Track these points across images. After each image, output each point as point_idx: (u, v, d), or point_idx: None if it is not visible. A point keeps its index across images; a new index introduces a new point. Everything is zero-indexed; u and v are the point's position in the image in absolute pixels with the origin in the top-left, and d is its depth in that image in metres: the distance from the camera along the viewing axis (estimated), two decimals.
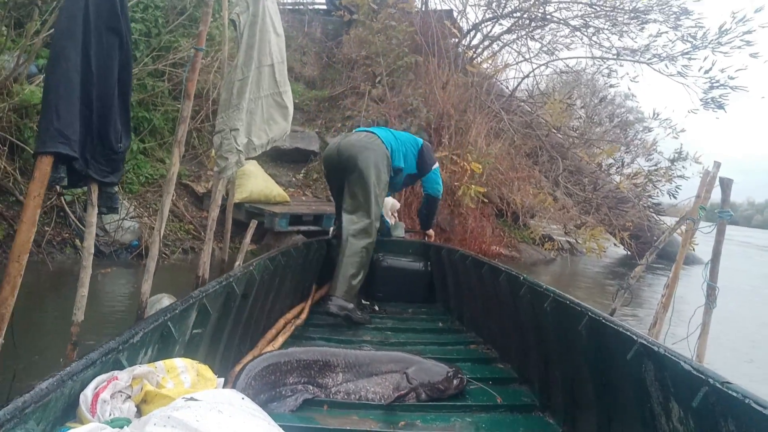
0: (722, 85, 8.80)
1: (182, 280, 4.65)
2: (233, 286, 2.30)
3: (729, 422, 1.22)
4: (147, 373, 1.33)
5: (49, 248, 5.27)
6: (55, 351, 2.96)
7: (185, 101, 2.87)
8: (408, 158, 3.99)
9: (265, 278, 2.82)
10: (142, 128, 6.60)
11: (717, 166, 3.44)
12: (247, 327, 2.62)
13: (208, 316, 2.02)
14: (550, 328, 2.26)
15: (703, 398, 1.29)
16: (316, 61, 10.75)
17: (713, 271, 2.74)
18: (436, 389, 2.29)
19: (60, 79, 1.97)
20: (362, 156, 3.68)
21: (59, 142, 1.95)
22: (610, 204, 9.25)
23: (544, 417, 2.23)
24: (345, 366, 2.32)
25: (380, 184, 3.70)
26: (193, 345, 1.89)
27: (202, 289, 2.03)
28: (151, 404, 1.28)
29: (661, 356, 1.48)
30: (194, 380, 1.42)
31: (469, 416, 2.18)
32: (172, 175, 2.91)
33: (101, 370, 1.29)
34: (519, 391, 2.48)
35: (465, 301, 3.71)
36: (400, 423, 2.07)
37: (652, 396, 1.53)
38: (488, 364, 2.87)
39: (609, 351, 1.77)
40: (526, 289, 2.52)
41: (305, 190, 8.52)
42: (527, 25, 9.89)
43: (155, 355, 1.60)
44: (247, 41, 3.39)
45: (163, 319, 1.65)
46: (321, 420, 2.05)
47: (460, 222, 8.49)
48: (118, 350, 1.37)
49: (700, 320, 2.85)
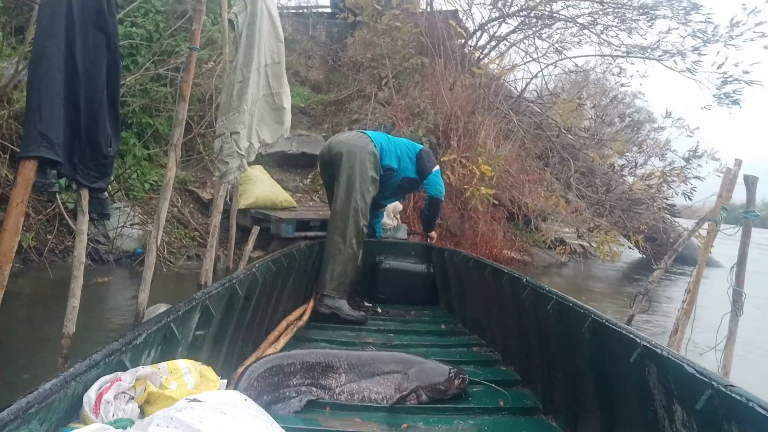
0: (736, 79, 8.59)
1: (186, 289, 4.54)
2: (236, 288, 2.30)
3: (732, 425, 1.21)
4: (150, 375, 1.34)
5: (51, 257, 5.19)
6: (51, 366, 2.86)
7: (180, 103, 2.77)
8: (403, 160, 4.01)
9: (267, 280, 2.82)
10: (146, 134, 6.52)
11: (738, 164, 3.27)
12: (249, 328, 2.63)
13: (211, 317, 2.02)
14: (552, 331, 2.24)
15: (707, 401, 1.28)
16: (322, 64, 10.67)
17: (739, 275, 2.58)
18: (438, 389, 2.28)
19: (41, 79, 1.86)
20: (347, 151, 3.72)
21: (42, 146, 1.85)
22: (624, 206, 9.04)
23: (547, 420, 2.22)
24: (348, 367, 2.32)
25: (365, 179, 3.70)
26: (196, 346, 1.90)
27: (205, 290, 2.04)
28: (154, 405, 1.29)
29: (664, 359, 1.47)
30: (197, 381, 1.44)
31: (472, 419, 2.18)
32: (168, 179, 2.81)
33: (104, 371, 1.30)
34: (522, 394, 2.46)
35: (467, 303, 3.69)
36: (403, 425, 2.07)
37: (655, 399, 1.52)
38: (491, 366, 2.86)
39: (612, 353, 1.76)
40: (528, 292, 2.51)
41: (313, 195, 8.41)
42: (534, 23, 9.73)
43: (158, 356, 1.60)
44: (246, 41, 3.28)
45: (166, 320, 1.65)
46: (324, 422, 2.05)
47: (470, 226, 8.34)
48: (122, 351, 1.38)
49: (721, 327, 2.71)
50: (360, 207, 3.66)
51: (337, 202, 3.68)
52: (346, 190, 3.65)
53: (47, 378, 1.13)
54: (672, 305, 5.03)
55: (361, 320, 3.55)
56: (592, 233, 9.35)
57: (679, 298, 6.38)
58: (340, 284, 3.56)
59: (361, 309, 3.87)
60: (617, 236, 8.94)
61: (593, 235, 9.45)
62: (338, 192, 3.68)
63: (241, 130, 3.29)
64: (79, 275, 2.34)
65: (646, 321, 5.84)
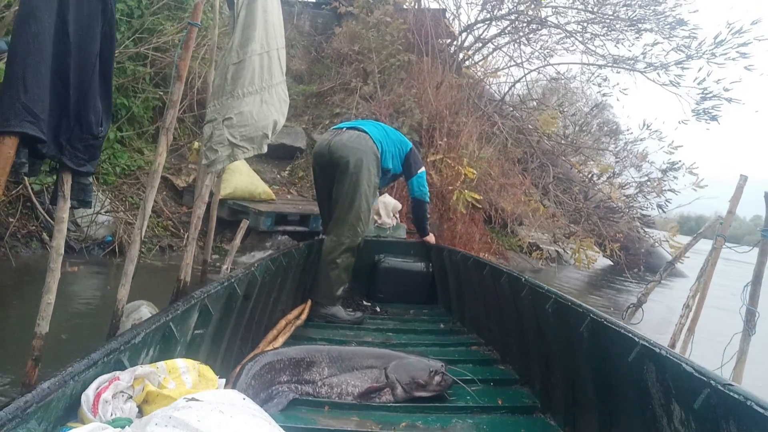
0: (715, 96, 8.72)
1: (160, 283, 4.27)
2: (235, 287, 2.29)
3: (730, 424, 1.21)
4: (149, 374, 1.33)
5: (13, 242, 4.82)
6: (16, 367, 2.59)
7: (176, 83, 2.54)
8: (395, 159, 3.92)
9: (266, 279, 2.81)
10: (120, 116, 6.17)
11: (744, 180, 3.24)
12: (248, 328, 2.62)
13: (210, 316, 2.01)
14: (551, 330, 2.25)
15: (705, 400, 1.28)
16: (304, 54, 10.40)
17: (754, 294, 2.52)
18: (415, 385, 2.26)
19: (29, 44, 1.62)
20: (356, 158, 3.59)
21: (26, 121, 1.61)
22: (601, 214, 9.10)
23: (546, 418, 2.23)
24: (329, 361, 2.33)
25: (370, 187, 3.65)
26: (194, 345, 1.90)
27: (204, 289, 2.02)
28: (152, 404, 1.28)
29: (662, 358, 1.47)
30: (196, 381, 1.43)
31: (470, 417, 2.18)
32: (158, 166, 2.58)
33: (103, 370, 1.29)
34: (520, 393, 2.48)
35: (466, 302, 3.69)
36: (401, 424, 2.07)
37: (653, 398, 1.53)
38: (489, 365, 2.87)
39: (610, 352, 1.77)
40: (527, 291, 2.50)
41: (290, 188, 8.18)
42: (522, 28, 9.69)
43: (157, 355, 1.60)
44: (244, 20, 3.05)
45: (164, 319, 1.64)
46: (322, 421, 2.05)
47: (449, 227, 8.25)
48: (120, 350, 1.37)
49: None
50: (362, 215, 3.60)
51: (339, 208, 3.60)
52: (351, 200, 3.57)
53: (45, 377, 1.12)
54: (651, 315, 5.01)
55: (359, 321, 3.51)
56: (569, 239, 9.39)
57: (655, 308, 6.42)
58: (334, 292, 3.52)
59: (359, 308, 3.84)
60: (592, 244, 9.00)
61: (569, 242, 9.49)
62: (341, 198, 3.59)
63: (234, 116, 3.08)
64: (56, 268, 2.09)
65: None
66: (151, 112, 6.64)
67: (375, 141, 3.71)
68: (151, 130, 6.60)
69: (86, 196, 2.20)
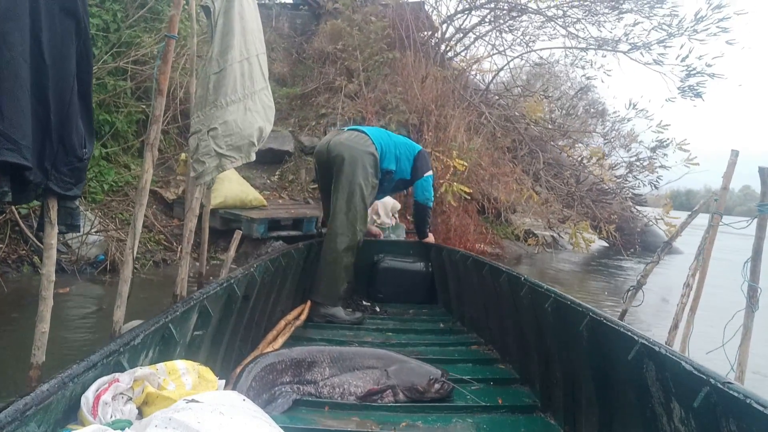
0: (699, 72, 8.74)
1: (156, 299, 4.21)
2: (234, 288, 2.29)
3: (730, 422, 1.21)
4: (148, 375, 1.33)
5: (4, 267, 4.75)
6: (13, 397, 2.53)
7: (157, 97, 2.49)
8: (401, 162, 3.91)
9: (266, 280, 2.81)
10: (104, 132, 6.09)
11: (735, 155, 3.23)
12: (248, 328, 2.62)
13: (209, 317, 2.01)
14: (551, 329, 2.25)
15: (705, 398, 1.28)
16: (285, 57, 10.32)
17: (754, 270, 2.51)
18: (415, 390, 2.27)
19: (4, 70, 1.57)
20: (350, 156, 3.61)
21: (5, 149, 1.57)
22: (593, 196, 9.11)
23: (546, 418, 2.23)
24: (330, 361, 2.34)
25: (366, 185, 3.62)
26: (194, 347, 1.89)
27: (203, 290, 2.02)
28: (152, 406, 1.29)
29: (662, 356, 1.47)
30: (195, 382, 1.44)
31: (471, 417, 2.19)
32: (145, 183, 2.53)
33: (102, 372, 1.29)
34: (520, 392, 2.48)
35: (466, 301, 3.70)
36: (402, 424, 2.07)
37: (653, 396, 1.53)
38: (489, 364, 2.88)
39: (610, 351, 1.77)
40: (527, 290, 2.50)
41: (281, 192, 8.12)
42: (503, 15, 9.66)
43: (156, 357, 1.59)
44: (222, 29, 2.99)
45: (164, 321, 1.63)
46: (322, 421, 2.05)
47: (443, 220, 8.24)
48: (119, 352, 1.37)
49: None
50: (359, 215, 3.60)
51: (336, 209, 3.60)
52: (347, 199, 3.57)
53: (45, 379, 1.13)
54: (650, 295, 5.01)
55: (358, 321, 3.51)
56: (563, 224, 9.40)
57: (651, 288, 6.42)
58: (334, 293, 3.52)
59: (359, 308, 3.83)
60: (588, 227, 9.01)
61: (564, 226, 9.50)
62: (337, 198, 3.60)
63: (219, 126, 3.03)
64: (48, 296, 2.05)
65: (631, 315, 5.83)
66: (135, 126, 6.56)
67: (373, 141, 3.73)
68: (137, 144, 6.52)
69: (74, 220, 2.15)
